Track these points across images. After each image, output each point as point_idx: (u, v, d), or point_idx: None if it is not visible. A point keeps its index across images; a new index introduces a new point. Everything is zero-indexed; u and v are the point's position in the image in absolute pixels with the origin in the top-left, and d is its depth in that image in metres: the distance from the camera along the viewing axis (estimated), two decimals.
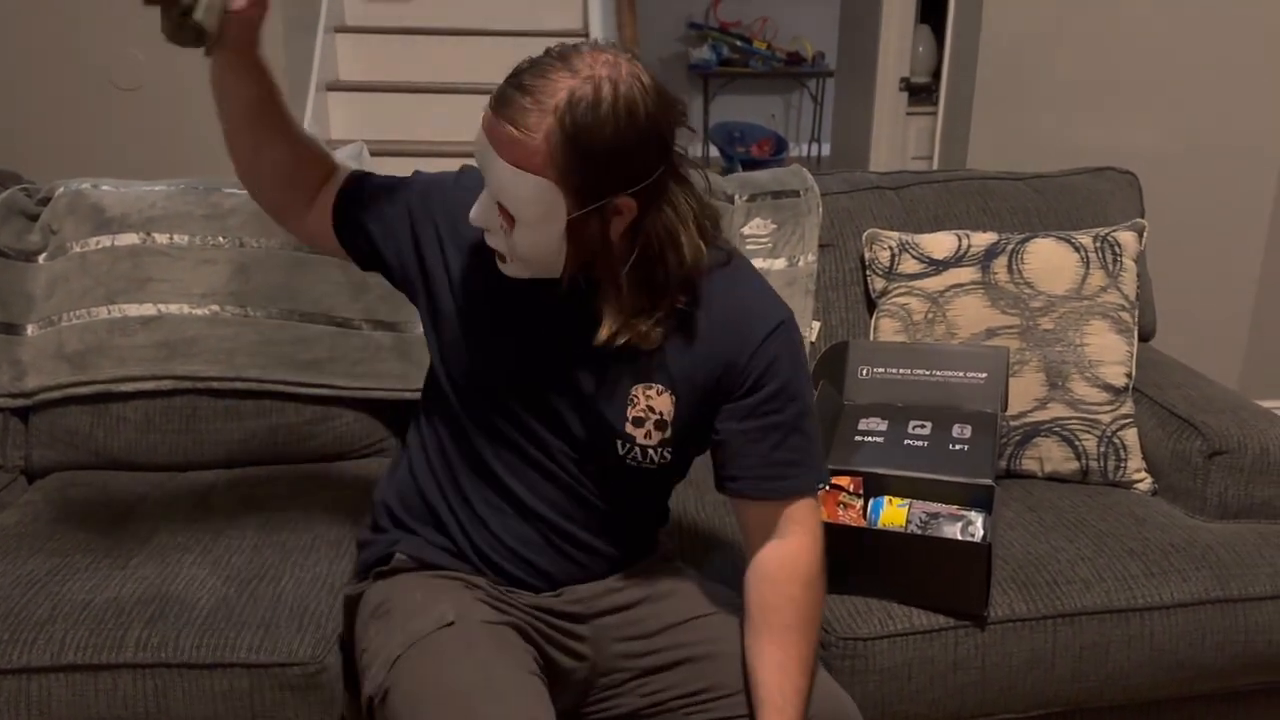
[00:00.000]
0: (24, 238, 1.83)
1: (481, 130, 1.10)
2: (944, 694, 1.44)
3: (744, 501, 1.24)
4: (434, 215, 1.28)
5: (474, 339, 1.26)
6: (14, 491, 1.73)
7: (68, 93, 3.32)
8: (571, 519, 1.28)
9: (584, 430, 1.25)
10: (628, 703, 1.28)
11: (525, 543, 1.28)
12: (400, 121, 3.80)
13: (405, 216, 1.29)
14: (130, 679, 1.32)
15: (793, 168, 2.09)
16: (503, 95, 1.07)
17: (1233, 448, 1.67)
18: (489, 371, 1.26)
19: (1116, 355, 1.77)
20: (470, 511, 1.29)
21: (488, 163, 1.10)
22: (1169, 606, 1.47)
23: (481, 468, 1.28)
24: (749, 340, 1.19)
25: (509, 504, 1.28)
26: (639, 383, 1.22)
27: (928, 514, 1.48)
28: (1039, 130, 2.86)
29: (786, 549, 1.22)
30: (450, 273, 1.27)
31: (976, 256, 1.84)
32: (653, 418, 1.22)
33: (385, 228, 1.30)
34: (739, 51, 6.87)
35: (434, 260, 1.28)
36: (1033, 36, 2.80)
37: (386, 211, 1.30)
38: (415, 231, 1.29)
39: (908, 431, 1.63)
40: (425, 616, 1.19)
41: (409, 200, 1.30)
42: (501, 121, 1.07)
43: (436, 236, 1.28)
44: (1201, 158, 2.86)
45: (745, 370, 1.19)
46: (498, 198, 1.11)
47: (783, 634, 1.19)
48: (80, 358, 1.76)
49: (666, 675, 1.26)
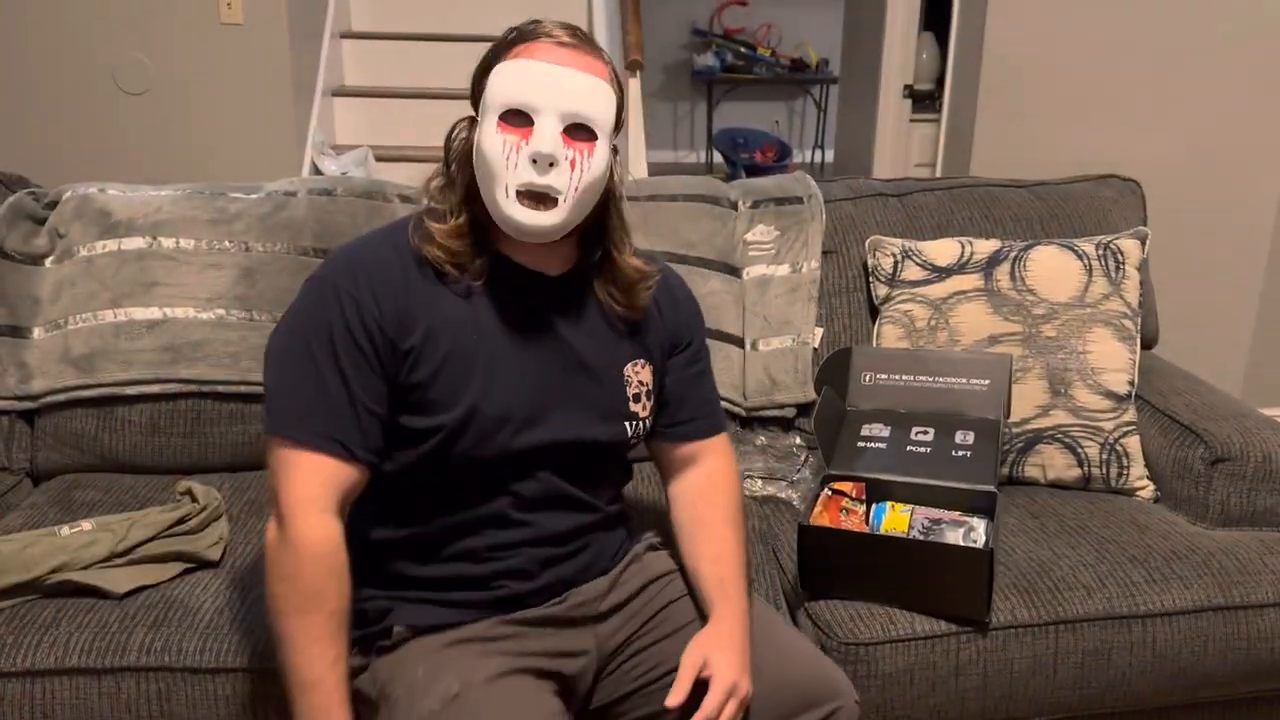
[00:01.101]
0: (31, 241, 1.83)
1: (543, 61, 1.17)
2: (946, 700, 1.44)
3: (680, 443, 1.38)
4: (387, 319, 1.19)
5: (477, 388, 1.22)
6: (19, 494, 1.74)
7: (75, 97, 3.33)
8: (572, 514, 1.29)
9: (603, 425, 1.29)
10: (623, 686, 1.28)
11: (530, 562, 1.26)
12: (405, 126, 3.82)
13: (375, 360, 1.19)
14: (134, 682, 1.33)
15: (796, 174, 2.10)
16: (556, 31, 1.19)
17: (1235, 455, 1.67)
18: (502, 413, 1.23)
19: (1119, 363, 1.77)
20: (462, 560, 1.26)
21: (564, 83, 1.16)
22: (1171, 613, 1.48)
23: (475, 514, 1.25)
24: (684, 305, 1.40)
25: (508, 535, 1.26)
26: (627, 362, 1.32)
27: (930, 520, 1.49)
28: (1042, 138, 2.87)
29: (712, 468, 1.39)
30: (432, 342, 1.21)
31: (979, 264, 1.85)
32: (644, 390, 1.33)
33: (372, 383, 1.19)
34: (743, 58, 6.89)
35: (417, 343, 1.21)
36: (1036, 44, 2.81)
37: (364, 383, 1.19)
38: (393, 347, 1.20)
39: (910, 438, 1.63)
40: (430, 695, 1.16)
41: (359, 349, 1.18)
42: (573, 46, 1.19)
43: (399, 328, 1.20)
44: (1205, 166, 2.86)
45: (686, 329, 1.39)
46: (577, 114, 1.16)
47: (715, 531, 1.33)
48: (86, 361, 1.77)
49: (658, 648, 1.27)
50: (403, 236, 1.24)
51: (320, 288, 1.20)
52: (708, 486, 1.37)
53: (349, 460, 1.18)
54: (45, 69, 3.32)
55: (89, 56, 3.31)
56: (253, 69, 3.37)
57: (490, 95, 1.17)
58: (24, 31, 3.27)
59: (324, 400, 1.16)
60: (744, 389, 1.92)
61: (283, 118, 3.44)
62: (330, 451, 1.16)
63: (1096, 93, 2.83)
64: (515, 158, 1.15)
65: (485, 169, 1.17)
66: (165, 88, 3.35)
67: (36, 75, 3.31)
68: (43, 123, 3.34)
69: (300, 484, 1.16)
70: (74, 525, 1.48)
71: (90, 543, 1.44)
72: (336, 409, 1.17)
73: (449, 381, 1.21)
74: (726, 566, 1.30)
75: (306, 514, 1.15)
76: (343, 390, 1.17)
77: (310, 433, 1.16)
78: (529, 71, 1.16)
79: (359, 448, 1.18)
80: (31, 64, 3.30)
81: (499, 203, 1.17)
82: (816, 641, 1.43)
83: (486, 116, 1.17)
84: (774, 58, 6.89)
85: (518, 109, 1.16)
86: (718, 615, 1.26)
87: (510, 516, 1.25)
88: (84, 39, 3.29)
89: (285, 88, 3.40)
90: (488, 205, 1.20)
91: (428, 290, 1.21)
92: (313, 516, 1.15)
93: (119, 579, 1.43)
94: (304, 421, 1.16)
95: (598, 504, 1.32)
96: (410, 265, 1.21)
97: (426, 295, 1.21)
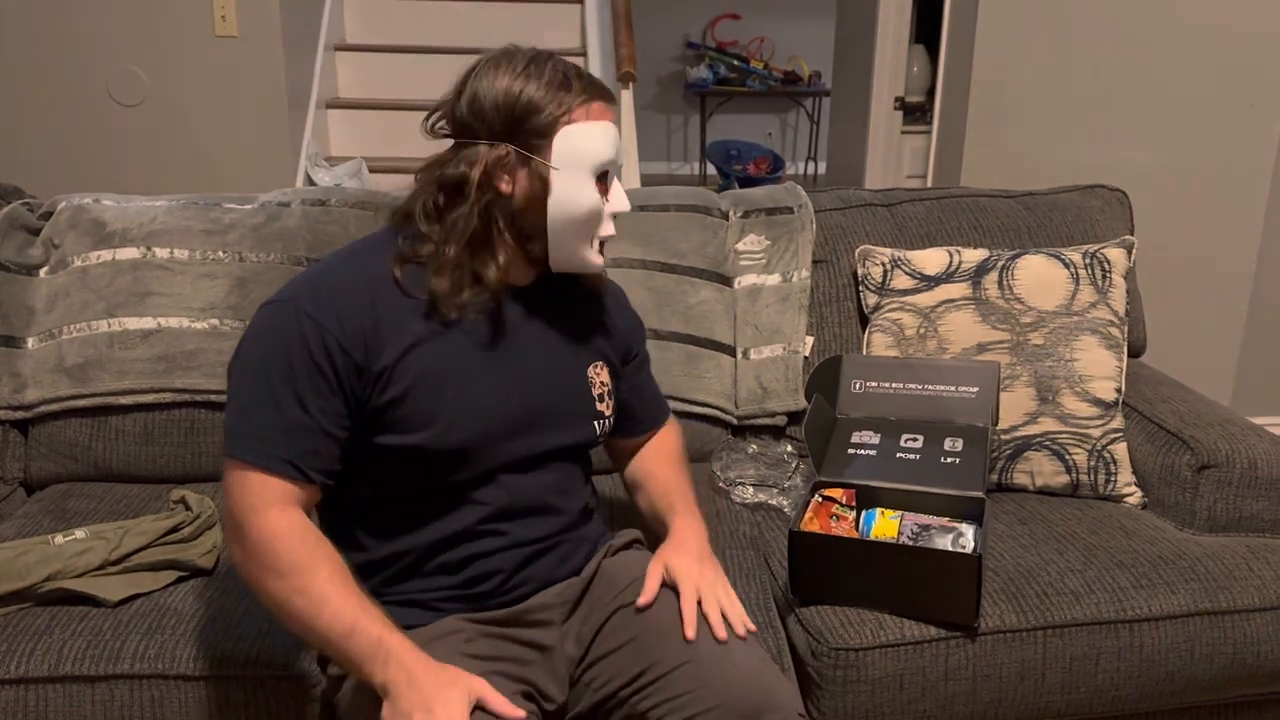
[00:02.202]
0: (25, 252, 1.84)
1: (612, 124, 1.27)
2: (935, 705, 1.45)
3: (635, 439, 1.52)
4: (360, 344, 1.20)
5: (453, 405, 1.23)
6: (13, 503, 1.74)
7: (69, 108, 3.34)
8: (547, 519, 1.31)
9: (575, 429, 1.34)
10: (599, 693, 1.26)
11: (505, 564, 1.28)
12: (398, 138, 3.84)
13: (335, 382, 1.19)
14: (127, 690, 1.33)
15: (786, 184, 2.12)
16: (602, 86, 1.28)
17: (1221, 462, 1.68)
18: (480, 429, 1.25)
19: (1106, 370, 1.79)
20: (439, 574, 1.27)
21: (619, 137, 1.28)
22: (1158, 618, 1.49)
23: (452, 529, 1.26)
24: (632, 315, 1.51)
25: (483, 545, 1.27)
26: (590, 365, 1.38)
27: (919, 526, 1.50)
28: (1032, 148, 2.89)
29: (658, 438, 1.54)
30: (404, 362, 1.22)
31: (968, 272, 1.86)
32: (606, 390, 1.40)
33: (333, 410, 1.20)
34: (736, 71, 6.92)
35: (389, 364, 1.21)
36: (1025, 56, 2.83)
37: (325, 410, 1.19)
38: (363, 370, 1.20)
39: (900, 445, 1.65)
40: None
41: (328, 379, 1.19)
42: (614, 107, 1.30)
43: (374, 351, 1.21)
44: (1191, 175, 2.88)
45: (636, 339, 1.50)
46: (623, 162, 1.30)
47: (661, 472, 1.47)
48: (80, 371, 1.77)
49: (612, 659, 1.26)
50: (372, 260, 1.25)
51: (278, 311, 1.20)
52: (654, 448, 1.52)
53: (303, 482, 1.19)
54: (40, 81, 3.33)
55: (84, 68, 3.32)
56: (247, 81, 3.38)
57: (582, 154, 1.24)
58: (19, 43, 3.29)
59: (279, 424, 1.17)
60: (735, 397, 1.93)
61: (277, 130, 3.45)
62: (283, 474, 1.17)
63: (1084, 104, 2.85)
64: (602, 213, 1.28)
65: (574, 221, 1.25)
66: (160, 100, 3.37)
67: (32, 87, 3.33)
68: (38, 134, 3.35)
69: (254, 494, 1.16)
70: (67, 534, 1.49)
71: (84, 551, 1.45)
72: (292, 433, 1.17)
73: (424, 400, 1.22)
74: (675, 493, 1.43)
75: (265, 513, 1.16)
76: (300, 414, 1.17)
77: (264, 456, 1.17)
78: (611, 133, 1.27)
79: (314, 470, 1.19)
80: (27, 75, 3.31)
81: (582, 251, 1.28)
82: (806, 647, 1.44)
83: (575, 173, 1.24)
84: (767, 70, 6.93)
85: (606, 169, 1.27)
86: (673, 529, 1.37)
87: (486, 529, 1.27)
88: (79, 51, 3.30)
89: (279, 100, 3.42)
90: (563, 250, 1.27)
91: (396, 308, 1.22)
92: (273, 511, 1.16)
93: (112, 587, 1.43)
94: (259, 445, 1.17)
95: (569, 507, 1.34)
96: (379, 286, 1.22)
97: (395, 313, 1.22)
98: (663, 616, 1.26)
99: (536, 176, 1.23)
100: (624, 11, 3.61)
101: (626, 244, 1.92)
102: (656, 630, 1.25)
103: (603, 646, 1.28)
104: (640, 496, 1.49)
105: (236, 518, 1.17)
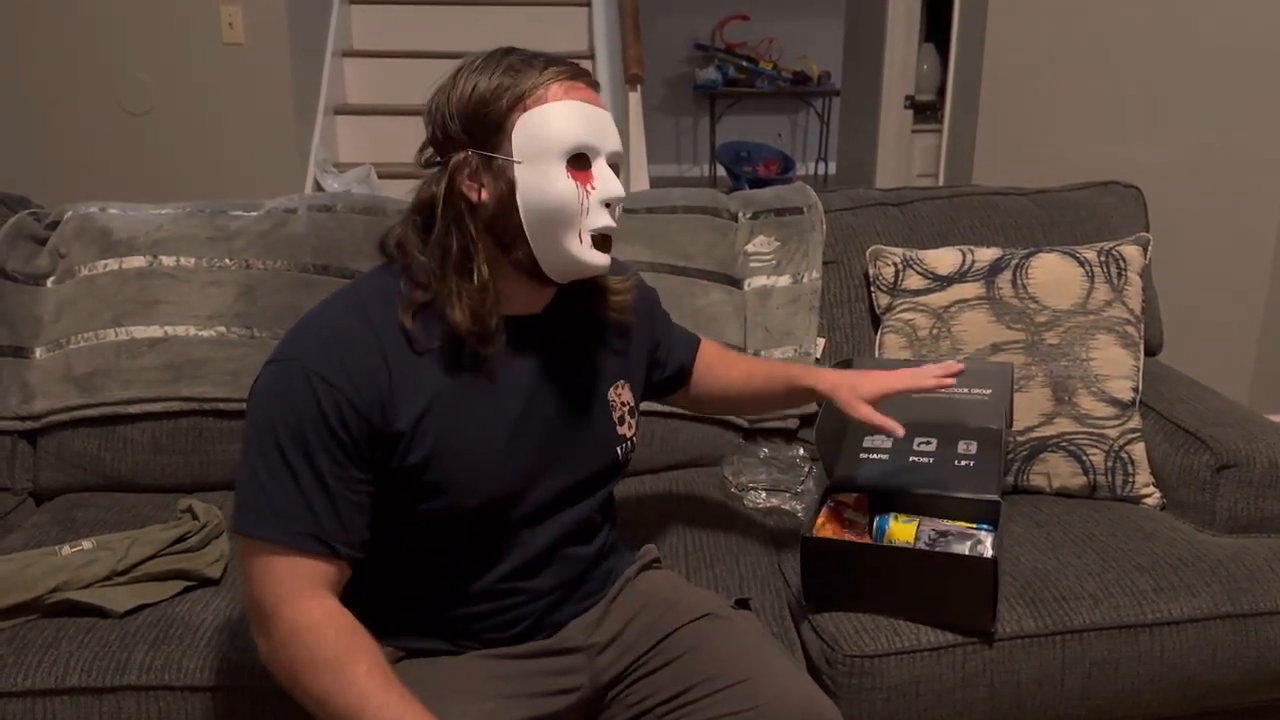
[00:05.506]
0: (32, 261, 1.84)
1: (586, 102, 1.15)
2: (952, 711, 1.43)
3: (687, 379, 1.53)
4: (375, 405, 1.11)
5: (482, 460, 1.17)
6: (22, 514, 1.74)
7: (77, 117, 3.36)
8: (573, 564, 1.27)
9: (598, 460, 1.28)
10: (622, 715, 1.26)
11: (530, 605, 1.25)
12: (407, 143, 3.81)
13: (354, 449, 1.10)
14: (134, 701, 1.32)
15: (796, 185, 2.10)
16: (567, 67, 1.17)
17: (1241, 461, 1.66)
18: (509, 484, 1.20)
19: (1123, 369, 1.76)
20: (465, 622, 1.23)
21: (606, 124, 1.17)
22: (1179, 622, 1.46)
23: (479, 586, 1.22)
24: (652, 307, 1.46)
25: (513, 599, 1.23)
26: (609, 388, 1.31)
27: (937, 531, 1.47)
28: (1043, 146, 2.87)
29: (705, 357, 1.55)
30: (424, 422, 1.14)
31: (981, 272, 1.84)
32: (626, 409, 1.33)
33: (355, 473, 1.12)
34: (745, 71, 6.91)
35: (407, 427, 1.13)
36: (1036, 53, 2.81)
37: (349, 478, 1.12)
38: (385, 431, 1.12)
39: (913, 448, 1.62)
40: None
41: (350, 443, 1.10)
42: (595, 85, 1.19)
43: (389, 411, 1.12)
44: (1207, 171, 2.86)
45: (659, 327, 1.47)
46: (616, 153, 1.18)
47: (739, 365, 1.55)
48: (88, 380, 1.77)
49: (653, 679, 1.24)
50: (376, 306, 1.14)
51: (287, 372, 1.09)
52: (708, 360, 1.55)
53: (331, 558, 1.10)
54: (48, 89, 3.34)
55: (91, 77, 3.33)
56: (254, 88, 3.39)
57: (547, 138, 1.11)
58: (26, 52, 3.30)
59: (299, 498, 1.08)
60: None
61: (285, 136, 3.45)
62: (310, 550, 1.08)
63: (1096, 100, 2.83)
64: (587, 202, 1.13)
65: (549, 215, 1.12)
66: (167, 108, 3.37)
67: (39, 95, 3.34)
68: (45, 143, 3.36)
69: (281, 581, 1.07)
70: (74, 544, 1.48)
71: (90, 561, 1.44)
72: (314, 506, 1.08)
73: (450, 460, 1.14)
74: (772, 366, 1.54)
75: (294, 603, 1.07)
76: (319, 486, 1.08)
77: (286, 532, 1.07)
78: (583, 112, 1.13)
79: (341, 544, 1.10)
80: (34, 84, 3.32)
81: (570, 249, 1.14)
82: (821, 655, 1.42)
83: (542, 161, 1.11)
84: (776, 71, 6.91)
85: (581, 152, 1.13)
86: (815, 377, 1.45)
87: (515, 585, 1.23)
88: (86, 59, 3.31)
89: (287, 106, 3.42)
90: (548, 251, 1.14)
91: (406, 362, 1.13)
92: (303, 601, 1.07)
93: (119, 597, 1.42)
94: (279, 522, 1.08)
95: (592, 543, 1.31)
96: (386, 335, 1.12)
97: (406, 367, 1.13)
98: (712, 636, 1.25)
99: (501, 176, 1.12)
100: (631, 13, 3.60)
101: (635, 246, 1.91)
102: (703, 650, 1.23)
103: (644, 667, 1.26)
104: (735, 392, 1.53)
105: (265, 609, 1.07)
